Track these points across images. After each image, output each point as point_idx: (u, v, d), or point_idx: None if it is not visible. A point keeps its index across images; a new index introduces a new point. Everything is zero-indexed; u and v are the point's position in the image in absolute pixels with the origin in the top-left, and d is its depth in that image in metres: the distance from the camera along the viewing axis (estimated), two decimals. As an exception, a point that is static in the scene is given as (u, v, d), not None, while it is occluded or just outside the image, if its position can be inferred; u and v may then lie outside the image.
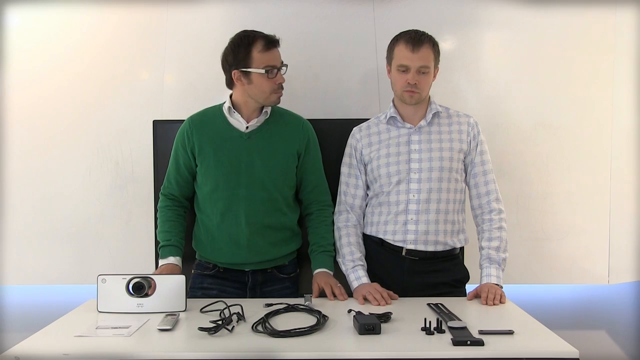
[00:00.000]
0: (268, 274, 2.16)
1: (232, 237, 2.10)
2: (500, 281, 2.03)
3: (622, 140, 2.59)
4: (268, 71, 2.03)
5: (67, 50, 2.57)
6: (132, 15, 2.56)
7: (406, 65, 2.04)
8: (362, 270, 2.08)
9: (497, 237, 2.08)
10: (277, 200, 2.13)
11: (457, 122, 2.15)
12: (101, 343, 1.58)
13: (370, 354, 1.50)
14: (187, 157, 2.14)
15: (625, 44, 2.57)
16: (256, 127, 2.12)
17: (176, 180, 2.16)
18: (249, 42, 2.03)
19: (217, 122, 2.13)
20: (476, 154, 2.13)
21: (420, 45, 2.02)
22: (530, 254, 2.61)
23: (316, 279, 2.09)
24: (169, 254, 2.09)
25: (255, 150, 2.10)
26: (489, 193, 2.13)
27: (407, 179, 2.08)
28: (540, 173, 2.60)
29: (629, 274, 2.65)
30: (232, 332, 1.64)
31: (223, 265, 2.15)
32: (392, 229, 2.10)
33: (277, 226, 2.13)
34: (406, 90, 2.06)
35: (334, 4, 2.58)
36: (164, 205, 2.17)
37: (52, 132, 2.58)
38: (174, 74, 2.60)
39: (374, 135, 2.16)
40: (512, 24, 2.58)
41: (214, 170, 2.10)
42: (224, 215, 2.10)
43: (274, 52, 2.05)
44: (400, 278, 2.10)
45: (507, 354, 1.49)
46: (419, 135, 2.11)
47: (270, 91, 2.06)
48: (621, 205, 2.60)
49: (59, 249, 2.60)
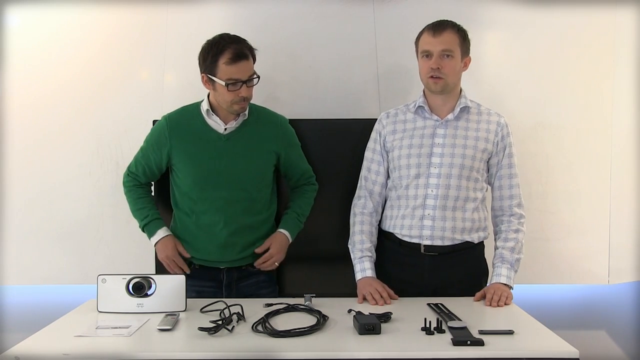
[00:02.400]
0: (243, 270, 2.18)
1: (210, 238, 2.13)
2: (511, 282, 2.01)
3: (622, 140, 2.59)
4: (229, 84, 2.01)
5: (67, 50, 2.57)
6: (132, 15, 2.56)
7: (428, 50, 2.01)
8: (368, 262, 2.08)
9: (513, 239, 2.06)
10: (255, 201, 2.15)
11: (487, 120, 2.11)
12: (101, 343, 1.58)
13: (370, 354, 1.50)
14: (159, 157, 2.15)
15: (625, 44, 2.57)
16: (234, 129, 2.13)
17: (143, 169, 2.20)
18: (218, 51, 2.01)
19: (195, 123, 2.13)
20: (504, 155, 2.10)
21: (443, 30, 2.01)
22: (530, 254, 2.60)
23: (271, 239, 2.16)
24: (156, 227, 2.15)
25: (234, 151, 2.11)
26: (512, 197, 2.10)
27: (426, 173, 2.06)
28: (540, 173, 2.60)
29: (629, 274, 2.65)
30: (232, 332, 1.64)
31: (198, 262, 2.17)
32: (408, 223, 2.07)
33: (255, 225, 2.16)
34: (430, 77, 2.02)
35: (334, 4, 2.58)
36: (132, 185, 2.21)
37: (52, 132, 2.58)
38: (173, 73, 2.60)
39: (400, 123, 2.14)
40: (512, 24, 2.58)
41: (192, 171, 2.11)
42: (203, 215, 2.12)
43: (240, 66, 2.01)
44: (420, 277, 2.08)
45: (507, 354, 1.49)
46: (444, 129, 2.08)
47: (232, 102, 2.05)
48: (621, 205, 2.60)
49: (59, 249, 2.60)
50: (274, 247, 2.16)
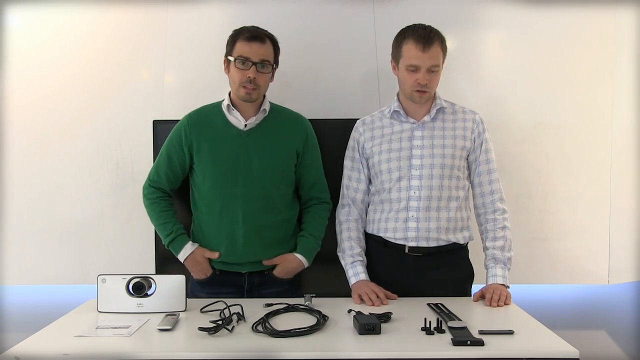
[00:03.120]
0: (265, 276, 2.15)
1: (229, 236, 2.10)
2: (507, 281, 2.02)
3: (622, 140, 2.59)
4: (238, 60, 2.03)
5: (67, 50, 2.57)
6: (132, 15, 2.56)
7: (416, 65, 2.00)
8: (360, 267, 2.08)
9: (501, 237, 2.07)
10: (273, 199, 2.13)
11: (462, 118, 2.12)
12: (101, 343, 1.58)
13: (370, 354, 1.50)
14: (182, 154, 2.13)
15: (625, 44, 2.57)
16: (255, 125, 2.12)
17: (166, 175, 2.16)
18: (238, 32, 2.07)
19: (215, 119, 2.13)
20: (481, 152, 2.11)
21: (431, 44, 1.98)
22: (530, 254, 2.61)
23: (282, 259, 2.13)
24: (181, 243, 2.12)
25: (254, 148, 2.10)
26: (493, 192, 2.11)
27: (408, 175, 2.07)
28: (540, 173, 2.60)
29: (629, 274, 2.65)
30: (232, 332, 1.64)
31: (219, 267, 2.14)
32: (392, 226, 2.09)
33: (274, 225, 2.13)
34: (416, 90, 2.03)
35: (334, 4, 2.58)
36: (156, 197, 2.17)
37: (52, 132, 2.58)
38: (173, 74, 2.60)
39: (377, 129, 2.15)
40: (512, 24, 2.58)
41: (212, 168, 2.10)
42: (221, 213, 2.10)
43: (253, 46, 2.03)
44: (405, 277, 2.08)
45: (507, 354, 1.49)
46: (422, 131, 2.09)
47: (239, 83, 2.05)
48: (621, 205, 2.60)
49: (59, 249, 2.60)
50: (280, 269, 2.13)
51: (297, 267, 2.15)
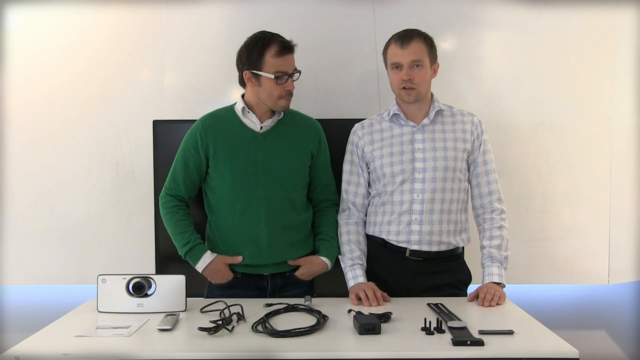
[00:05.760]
0: (287, 277, 2.14)
1: (252, 238, 2.09)
2: (503, 280, 2.02)
3: (622, 140, 2.59)
4: (278, 77, 2.01)
5: (67, 50, 2.57)
6: (132, 15, 2.56)
7: (398, 62, 2.03)
8: (359, 270, 2.08)
9: (498, 236, 2.07)
10: (293, 200, 2.12)
11: (461, 121, 2.13)
12: (101, 343, 1.58)
13: (370, 354, 1.50)
14: (198, 158, 2.11)
15: (625, 44, 2.57)
16: (270, 128, 2.12)
17: (184, 181, 2.13)
18: (264, 44, 2.01)
19: (231, 122, 2.11)
20: (479, 153, 2.12)
21: (410, 41, 2.02)
22: (530, 254, 2.61)
23: (307, 260, 2.12)
24: (199, 253, 2.09)
25: (271, 150, 2.10)
26: (492, 193, 2.12)
27: (411, 178, 2.07)
28: (540, 173, 2.60)
29: (629, 274, 2.65)
30: (232, 332, 1.64)
31: (241, 270, 2.12)
32: (395, 229, 2.09)
33: (295, 225, 2.13)
34: (402, 88, 2.04)
35: (334, 4, 2.58)
36: (173, 205, 2.13)
37: (52, 132, 2.59)
38: (173, 74, 2.60)
39: (377, 133, 2.15)
40: (512, 24, 2.58)
41: (231, 171, 2.08)
42: (243, 215, 2.09)
43: (287, 59, 2.03)
44: (404, 279, 2.09)
45: (507, 354, 1.49)
46: (422, 134, 2.10)
47: (278, 97, 2.04)
48: (621, 205, 2.60)
49: (58, 249, 2.60)
50: (304, 270, 2.12)
51: (321, 270, 2.14)
